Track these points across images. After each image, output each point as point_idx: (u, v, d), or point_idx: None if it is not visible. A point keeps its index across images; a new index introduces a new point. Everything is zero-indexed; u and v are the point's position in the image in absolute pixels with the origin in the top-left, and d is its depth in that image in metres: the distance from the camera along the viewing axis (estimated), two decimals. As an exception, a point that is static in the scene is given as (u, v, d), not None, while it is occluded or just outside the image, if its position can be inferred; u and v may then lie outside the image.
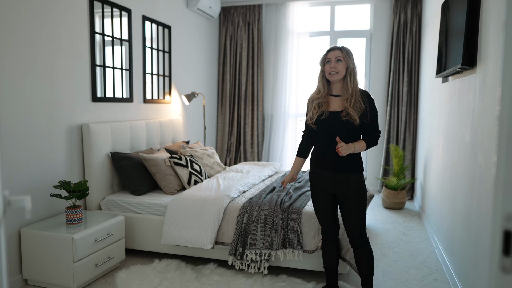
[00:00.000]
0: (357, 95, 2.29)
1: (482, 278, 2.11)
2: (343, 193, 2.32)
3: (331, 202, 2.40)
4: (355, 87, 2.30)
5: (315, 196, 2.43)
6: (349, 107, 2.25)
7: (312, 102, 2.41)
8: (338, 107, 2.32)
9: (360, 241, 2.35)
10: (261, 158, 5.83)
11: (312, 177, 2.43)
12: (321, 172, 2.36)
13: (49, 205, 2.88)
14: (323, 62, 2.34)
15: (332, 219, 2.44)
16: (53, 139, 2.90)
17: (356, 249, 2.38)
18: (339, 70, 2.28)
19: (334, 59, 2.28)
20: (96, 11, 3.29)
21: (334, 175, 2.32)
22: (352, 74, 2.30)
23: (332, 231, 2.46)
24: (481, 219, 2.16)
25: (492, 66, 2.04)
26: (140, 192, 3.30)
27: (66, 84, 3.00)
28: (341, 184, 2.31)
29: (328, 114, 2.32)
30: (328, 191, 2.37)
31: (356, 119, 2.24)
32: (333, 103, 2.35)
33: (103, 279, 2.80)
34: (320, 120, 2.34)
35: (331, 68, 2.28)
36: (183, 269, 2.88)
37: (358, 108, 2.26)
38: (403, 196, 4.73)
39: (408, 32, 5.12)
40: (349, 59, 2.29)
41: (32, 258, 2.62)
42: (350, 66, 2.29)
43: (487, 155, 2.06)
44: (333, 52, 2.31)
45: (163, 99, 4.42)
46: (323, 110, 2.33)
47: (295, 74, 5.62)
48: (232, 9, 5.75)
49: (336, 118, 2.29)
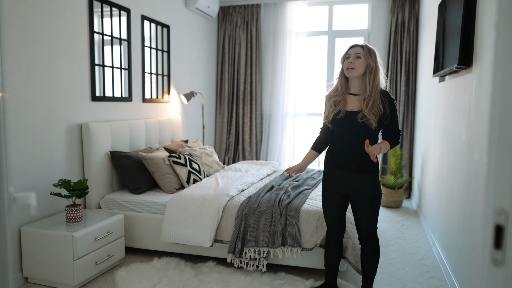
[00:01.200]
0: (376, 96, 2.21)
1: (477, 275, 2.13)
2: (356, 194, 2.29)
3: (342, 203, 2.38)
4: (375, 87, 2.22)
5: (326, 196, 2.40)
6: (365, 109, 2.19)
7: (329, 99, 2.36)
8: (355, 107, 2.26)
9: (370, 240, 2.35)
10: (259, 157, 5.86)
11: (326, 176, 2.40)
12: (335, 171, 2.33)
13: (49, 204, 2.90)
14: (343, 58, 2.29)
15: (339, 221, 2.42)
16: (53, 138, 2.92)
17: (364, 247, 2.39)
18: (356, 66, 2.22)
19: (353, 55, 2.24)
20: (95, 10, 3.31)
21: (348, 175, 2.28)
22: (372, 73, 2.23)
23: (338, 233, 2.45)
24: (476, 217, 2.19)
25: (488, 65, 2.07)
26: (139, 191, 3.32)
27: (65, 83, 3.02)
28: (355, 185, 2.28)
29: (344, 114, 2.27)
30: (341, 191, 2.34)
31: (373, 123, 2.18)
32: (350, 102, 2.30)
33: (103, 277, 2.82)
34: (336, 119, 2.29)
35: (349, 63, 2.24)
36: (182, 267, 2.90)
37: (376, 112, 2.19)
38: (400, 195, 4.76)
39: (405, 31, 5.15)
40: (369, 57, 2.23)
41: (32, 256, 2.63)
42: (370, 64, 2.22)
43: (483, 154, 2.09)
44: (354, 48, 2.26)
45: (162, 99, 4.43)
46: (340, 108, 2.28)
47: (293, 73, 5.64)
48: (231, 9, 5.77)
49: (352, 118, 2.24)
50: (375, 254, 2.38)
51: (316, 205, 2.89)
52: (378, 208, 2.32)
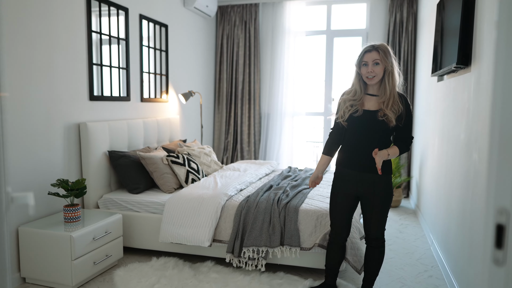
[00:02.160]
0: (396, 97, 2.20)
1: (476, 274, 2.14)
2: (367, 194, 2.27)
3: (351, 205, 2.35)
4: (393, 88, 2.20)
5: (336, 197, 2.36)
6: (386, 109, 2.16)
7: (345, 102, 2.30)
8: (373, 106, 2.24)
9: (377, 241, 2.35)
10: (258, 157, 5.86)
11: (337, 176, 2.37)
12: (348, 172, 2.31)
13: (47, 204, 2.89)
14: (359, 65, 2.24)
15: (346, 224, 2.39)
16: (51, 138, 2.91)
17: (370, 247, 2.38)
18: (377, 73, 2.19)
19: (371, 62, 2.19)
20: (93, 9, 3.30)
21: (361, 175, 2.26)
22: (391, 75, 2.20)
23: (342, 236, 2.42)
24: (475, 216, 2.19)
25: (486, 65, 2.07)
26: (137, 191, 3.32)
27: (63, 82, 3.00)
28: (367, 185, 2.26)
29: (362, 112, 2.24)
30: (352, 192, 2.31)
31: (393, 120, 2.16)
32: (367, 102, 2.27)
33: (101, 277, 2.81)
34: (353, 117, 2.25)
35: (369, 72, 2.19)
36: (181, 267, 2.90)
37: (396, 110, 2.18)
38: (399, 194, 4.76)
39: (404, 31, 5.15)
40: (386, 60, 2.19)
41: (30, 256, 2.62)
42: (388, 68, 2.19)
43: (482, 153, 2.09)
44: (370, 54, 2.20)
45: (160, 98, 4.42)
46: (357, 108, 2.25)
47: (292, 73, 5.64)
48: (229, 8, 5.76)
49: (371, 116, 2.21)
50: (379, 255, 2.38)
51: (315, 204, 2.89)
52: (388, 209, 2.31)
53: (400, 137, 2.28)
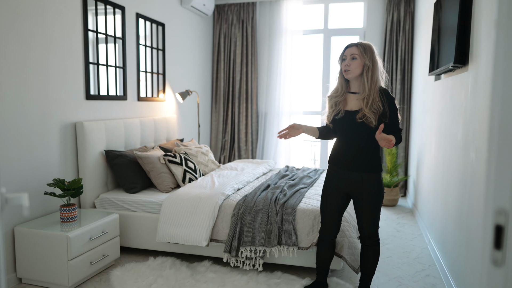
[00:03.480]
0: (375, 94, 2.19)
1: (473, 273, 2.14)
2: (357, 193, 2.29)
3: (342, 202, 2.37)
4: (373, 85, 2.20)
5: (326, 193, 2.39)
6: (365, 108, 2.17)
7: (330, 100, 2.36)
8: (355, 106, 2.26)
9: (371, 240, 2.35)
10: (255, 156, 5.85)
11: (328, 174, 2.41)
12: (338, 170, 2.33)
13: (43, 204, 2.87)
14: (341, 59, 2.29)
15: (336, 221, 2.41)
16: (47, 137, 2.89)
17: (364, 246, 2.39)
18: (352, 68, 2.21)
19: (349, 56, 2.22)
20: (89, 8, 3.28)
21: (351, 174, 2.28)
22: (370, 71, 2.20)
23: (333, 232, 2.44)
24: (472, 215, 2.19)
25: (484, 64, 2.07)
26: (134, 190, 3.30)
27: (59, 81, 2.98)
28: (357, 184, 2.27)
29: (344, 113, 2.26)
30: (343, 190, 2.33)
31: (373, 121, 2.16)
32: (350, 101, 2.30)
33: (98, 277, 2.80)
34: (336, 120, 2.30)
35: (345, 65, 2.23)
36: (178, 267, 2.89)
37: (375, 109, 2.17)
38: (396, 193, 4.77)
39: (401, 30, 5.16)
40: (365, 56, 2.20)
41: (26, 256, 2.61)
42: (366, 64, 2.20)
43: (479, 153, 2.09)
44: (349, 49, 2.24)
45: (157, 97, 4.41)
46: (340, 108, 2.29)
47: (289, 72, 5.63)
48: (226, 7, 5.75)
49: (351, 118, 2.23)
50: (374, 253, 2.38)
51: (313, 204, 2.89)
52: (380, 207, 2.31)
53: (389, 132, 2.25)
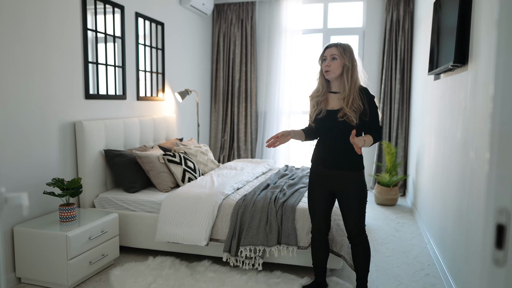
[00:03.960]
0: (356, 93, 2.23)
1: (473, 272, 2.14)
2: (341, 191, 2.31)
3: (328, 200, 2.39)
4: (353, 85, 2.24)
5: (312, 192, 2.42)
6: (346, 107, 2.20)
7: (311, 99, 2.40)
8: (336, 105, 2.29)
9: (358, 238, 2.35)
10: (254, 155, 5.85)
11: (312, 173, 2.42)
12: (322, 169, 2.35)
13: (42, 203, 2.87)
14: (321, 60, 2.33)
15: (324, 218, 2.43)
16: (46, 137, 2.88)
17: (354, 245, 2.39)
18: (332, 68, 2.25)
19: (329, 57, 2.26)
20: (88, 7, 3.27)
21: (334, 173, 2.30)
22: (349, 71, 2.24)
23: (323, 231, 2.46)
24: (472, 215, 2.19)
25: (484, 63, 2.07)
26: (134, 190, 3.30)
27: (58, 81, 2.98)
28: (339, 182, 2.30)
29: (325, 113, 2.29)
30: (327, 188, 2.35)
31: (354, 119, 2.20)
32: (332, 101, 2.33)
33: (97, 277, 2.79)
34: (317, 119, 2.33)
35: (326, 66, 2.27)
36: (177, 266, 2.89)
37: (356, 108, 2.21)
38: (395, 193, 4.77)
39: (400, 29, 5.16)
40: (344, 56, 2.24)
41: (25, 256, 2.60)
42: (346, 64, 2.24)
43: (479, 152, 2.09)
44: (329, 49, 2.27)
45: (157, 96, 4.40)
46: (321, 108, 2.32)
47: (289, 71, 5.63)
48: (225, 6, 5.74)
49: (333, 117, 2.26)
50: (365, 251, 2.38)
51: (312, 203, 2.88)
52: (365, 204, 2.33)
53: (369, 130, 2.29)
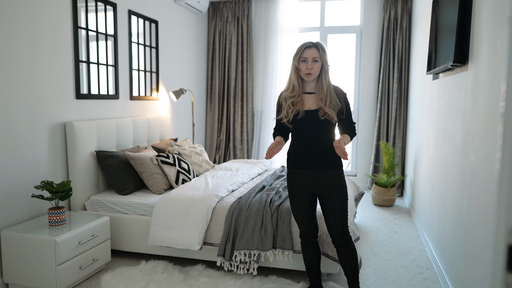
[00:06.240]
0: (332, 92, 2.24)
1: (472, 276, 2.08)
2: (325, 191, 2.25)
3: (311, 202, 2.34)
4: (329, 85, 2.25)
5: (294, 197, 2.35)
6: (325, 107, 2.20)
7: (285, 100, 2.30)
8: (313, 105, 2.26)
9: (342, 240, 2.29)
10: (250, 155, 5.78)
11: (291, 177, 2.34)
12: (302, 172, 2.29)
13: (30, 207, 2.79)
14: (298, 60, 2.24)
15: (311, 221, 2.38)
16: (35, 138, 2.80)
17: (339, 248, 2.33)
18: (314, 71, 2.21)
19: (311, 59, 2.20)
20: (79, 5, 3.19)
21: (316, 174, 2.25)
22: (327, 73, 2.25)
23: (312, 234, 2.40)
24: (471, 217, 2.13)
25: (484, 63, 2.01)
26: (126, 192, 3.22)
27: (48, 80, 2.90)
28: (323, 182, 2.25)
29: (304, 113, 2.25)
30: (309, 190, 2.30)
31: (334, 117, 2.21)
32: (307, 101, 2.28)
33: (87, 282, 2.72)
34: (296, 120, 2.26)
35: (308, 69, 2.21)
36: (170, 271, 2.82)
37: (334, 106, 2.22)
38: (393, 193, 4.72)
39: (398, 28, 5.09)
40: (324, 58, 2.23)
41: (13, 261, 2.53)
42: (325, 66, 2.23)
43: (479, 154, 2.03)
44: (310, 51, 2.21)
45: (150, 96, 4.32)
46: (298, 109, 2.26)
47: (285, 70, 5.56)
48: (221, 4, 5.66)
49: (313, 117, 2.23)
50: (352, 252, 2.32)
51: (308, 206, 2.82)
52: (347, 203, 2.29)
53: (345, 127, 2.30)
